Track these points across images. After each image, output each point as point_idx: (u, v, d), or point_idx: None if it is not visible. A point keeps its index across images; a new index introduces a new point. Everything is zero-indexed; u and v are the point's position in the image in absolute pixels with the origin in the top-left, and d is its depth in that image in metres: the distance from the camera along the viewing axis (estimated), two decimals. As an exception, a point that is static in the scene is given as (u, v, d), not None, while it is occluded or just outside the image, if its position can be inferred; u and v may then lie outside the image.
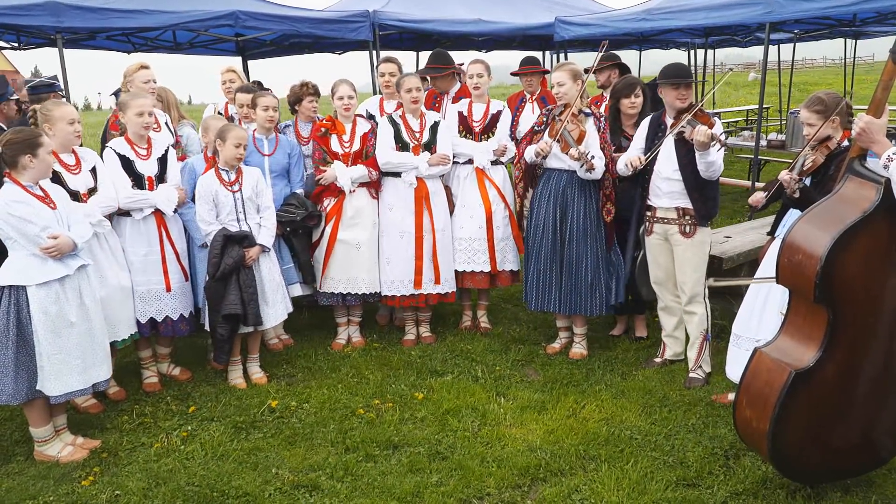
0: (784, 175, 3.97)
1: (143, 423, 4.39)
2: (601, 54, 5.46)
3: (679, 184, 4.58)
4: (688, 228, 4.61)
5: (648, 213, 4.79)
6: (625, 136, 5.13)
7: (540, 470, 3.73)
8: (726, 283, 4.79)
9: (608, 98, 6.05)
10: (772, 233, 4.23)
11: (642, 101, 5.13)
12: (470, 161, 5.48)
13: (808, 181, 3.96)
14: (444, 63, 6.14)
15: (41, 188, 3.89)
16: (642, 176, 4.77)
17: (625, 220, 5.12)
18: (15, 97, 5.31)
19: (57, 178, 4.15)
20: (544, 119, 5.07)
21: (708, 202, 4.61)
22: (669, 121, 4.62)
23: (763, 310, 4.04)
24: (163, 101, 5.50)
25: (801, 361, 3.17)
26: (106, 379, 4.11)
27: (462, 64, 6.63)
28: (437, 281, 5.40)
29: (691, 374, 4.71)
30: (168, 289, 4.69)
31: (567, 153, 4.78)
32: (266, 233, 4.81)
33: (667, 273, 4.81)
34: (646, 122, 4.79)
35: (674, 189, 4.61)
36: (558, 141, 4.83)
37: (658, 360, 5.02)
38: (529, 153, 5.05)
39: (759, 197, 4.17)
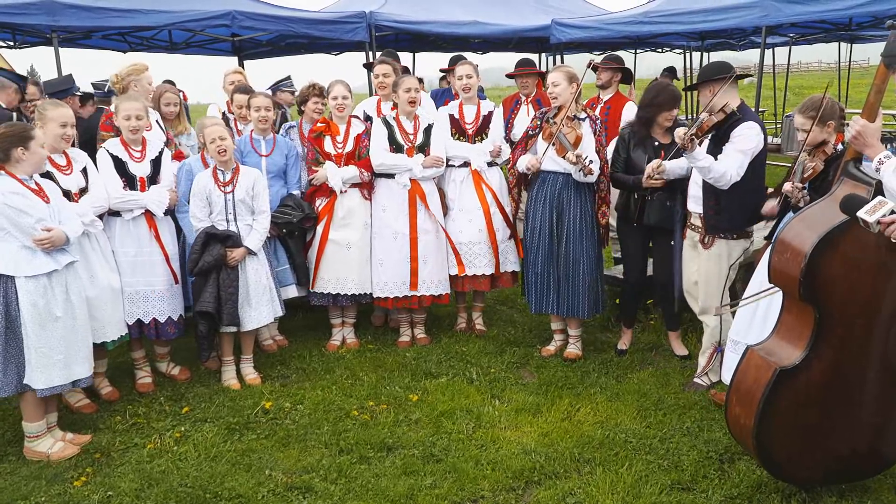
0: (787, 186, 3.96)
1: (137, 423, 4.37)
2: (588, 69, 5.38)
3: (701, 188, 4.41)
4: (706, 239, 4.45)
5: (689, 219, 4.64)
6: (656, 144, 4.88)
7: (534, 473, 3.72)
8: (734, 305, 4.50)
9: (604, 100, 6.07)
10: (769, 237, 4.23)
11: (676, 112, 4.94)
12: (466, 164, 5.46)
13: (808, 186, 3.96)
14: (392, 58, 6.19)
15: (35, 182, 3.91)
16: (680, 183, 4.63)
17: (660, 231, 4.95)
18: (79, 92, 5.41)
19: (48, 178, 4.15)
20: (538, 122, 5.07)
21: (722, 213, 4.34)
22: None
23: (766, 317, 4.01)
24: (179, 104, 5.53)
25: (788, 360, 3.21)
26: (87, 376, 4.10)
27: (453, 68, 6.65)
28: (431, 282, 5.39)
29: (695, 379, 4.65)
30: (156, 291, 4.68)
31: (563, 157, 4.78)
32: (255, 236, 4.78)
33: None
34: None
35: (697, 193, 4.46)
36: (553, 144, 4.83)
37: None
38: (521, 164, 5.07)
39: (772, 205, 4.12)
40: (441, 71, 7.09)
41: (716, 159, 4.22)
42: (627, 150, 4.97)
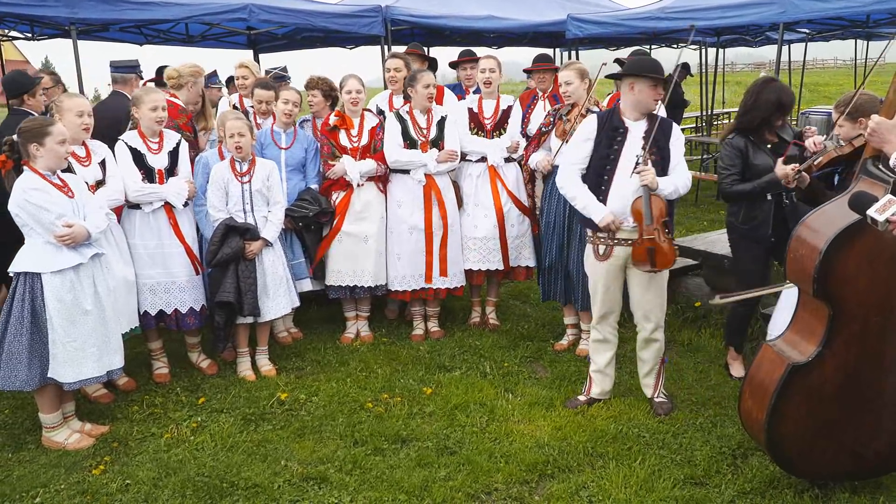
0: (786, 169, 3.94)
1: (154, 413, 4.42)
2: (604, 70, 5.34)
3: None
4: (604, 250, 4.14)
5: (603, 235, 4.16)
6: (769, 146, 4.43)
7: (548, 466, 3.75)
8: (732, 298, 4.37)
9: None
10: None
11: None
12: (482, 159, 5.47)
13: (836, 178, 3.94)
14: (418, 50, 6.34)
15: (59, 177, 3.94)
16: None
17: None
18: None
19: (67, 169, 4.19)
20: (551, 119, 5.07)
21: None
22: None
23: (777, 310, 4.01)
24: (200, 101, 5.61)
25: (801, 355, 3.22)
26: (119, 367, 4.16)
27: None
28: (444, 273, 5.41)
29: (658, 400, 4.35)
30: (177, 282, 4.72)
31: None
32: (271, 227, 4.83)
33: (615, 303, 4.33)
34: None
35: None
36: (567, 141, 4.83)
37: (583, 398, 4.47)
38: (533, 162, 5.08)
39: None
40: (450, 65, 7.06)
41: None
42: (746, 159, 4.40)
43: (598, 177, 4.13)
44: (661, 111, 4.18)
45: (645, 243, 3.96)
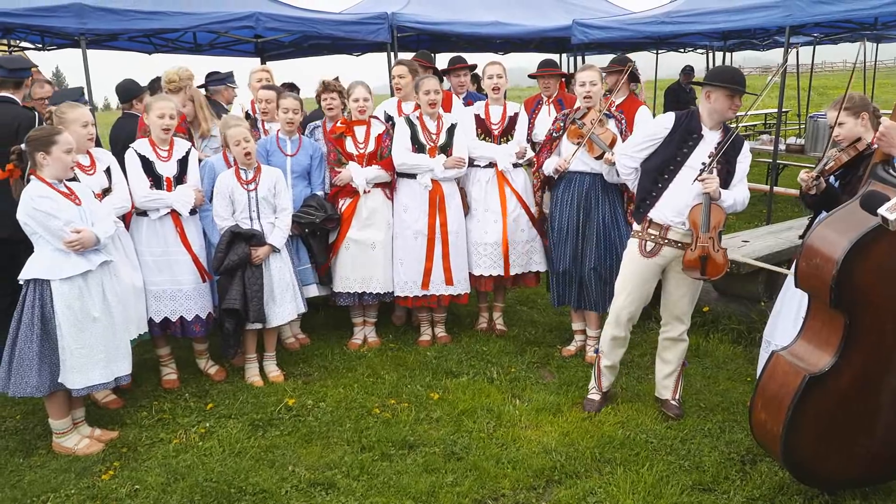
0: (802, 175, 3.93)
1: (162, 419, 4.45)
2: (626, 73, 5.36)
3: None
4: (653, 248, 4.16)
5: (655, 233, 4.13)
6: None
7: (555, 472, 3.74)
8: (754, 263, 4.32)
9: (616, 103, 6.02)
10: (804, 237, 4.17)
11: None
12: (491, 164, 5.48)
13: (835, 182, 3.92)
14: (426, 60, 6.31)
15: (66, 185, 3.97)
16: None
17: None
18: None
19: (72, 179, 4.23)
20: (561, 124, 5.06)
21: None
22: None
23: (780, 315, 3.99)
24: (194, 102, 5.62)
25: (817, 366, 3.18)
26: (127, 373, 4.18)
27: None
28: (450, 282, 5.42)
29: (674, 402, 4.36)
30: (183, 289, 4.75)
31: (597, 157, 4.79)
32: (278, 233, 4.85)
33: (646, 299, 4.30)
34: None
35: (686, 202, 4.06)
36: (583, 145, 4.82)
37: (597, 396, 4.48)
38: (549, 167, 5.05)
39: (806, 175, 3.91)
40: (441, 72, 7.05)
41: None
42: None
43: (658, 174, 4.08)
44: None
45: (698, 251, 3.97)
